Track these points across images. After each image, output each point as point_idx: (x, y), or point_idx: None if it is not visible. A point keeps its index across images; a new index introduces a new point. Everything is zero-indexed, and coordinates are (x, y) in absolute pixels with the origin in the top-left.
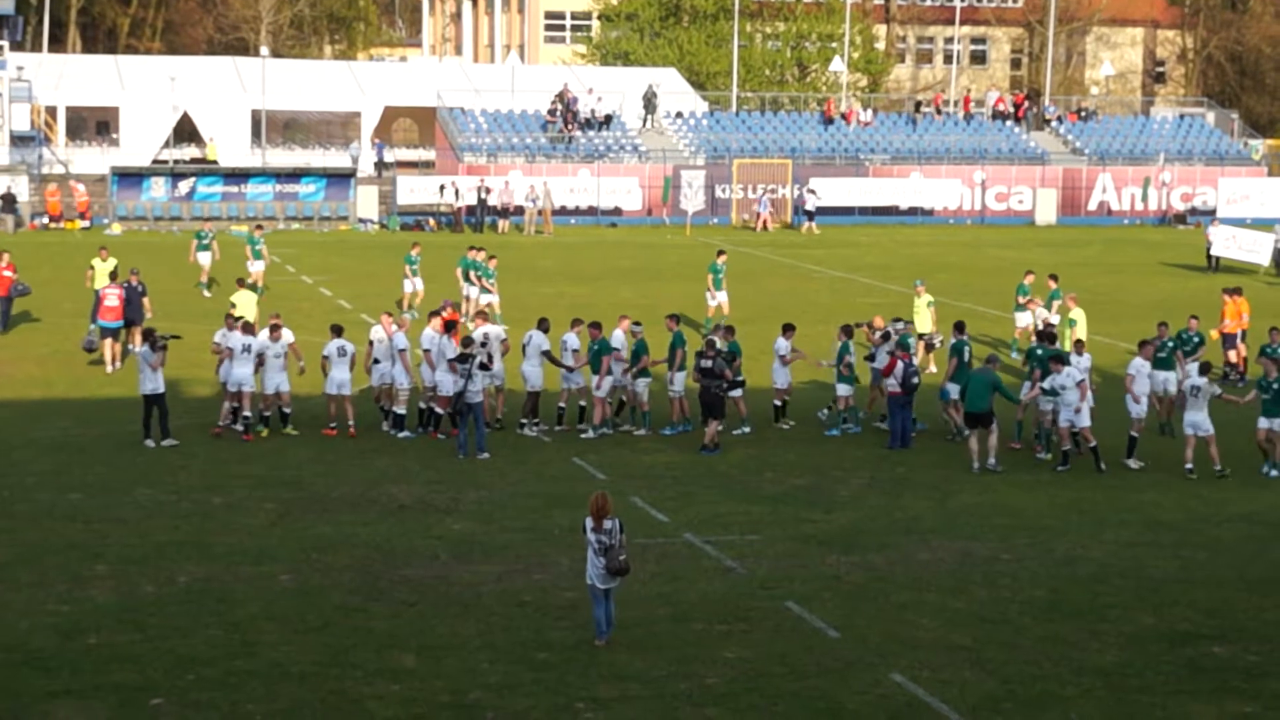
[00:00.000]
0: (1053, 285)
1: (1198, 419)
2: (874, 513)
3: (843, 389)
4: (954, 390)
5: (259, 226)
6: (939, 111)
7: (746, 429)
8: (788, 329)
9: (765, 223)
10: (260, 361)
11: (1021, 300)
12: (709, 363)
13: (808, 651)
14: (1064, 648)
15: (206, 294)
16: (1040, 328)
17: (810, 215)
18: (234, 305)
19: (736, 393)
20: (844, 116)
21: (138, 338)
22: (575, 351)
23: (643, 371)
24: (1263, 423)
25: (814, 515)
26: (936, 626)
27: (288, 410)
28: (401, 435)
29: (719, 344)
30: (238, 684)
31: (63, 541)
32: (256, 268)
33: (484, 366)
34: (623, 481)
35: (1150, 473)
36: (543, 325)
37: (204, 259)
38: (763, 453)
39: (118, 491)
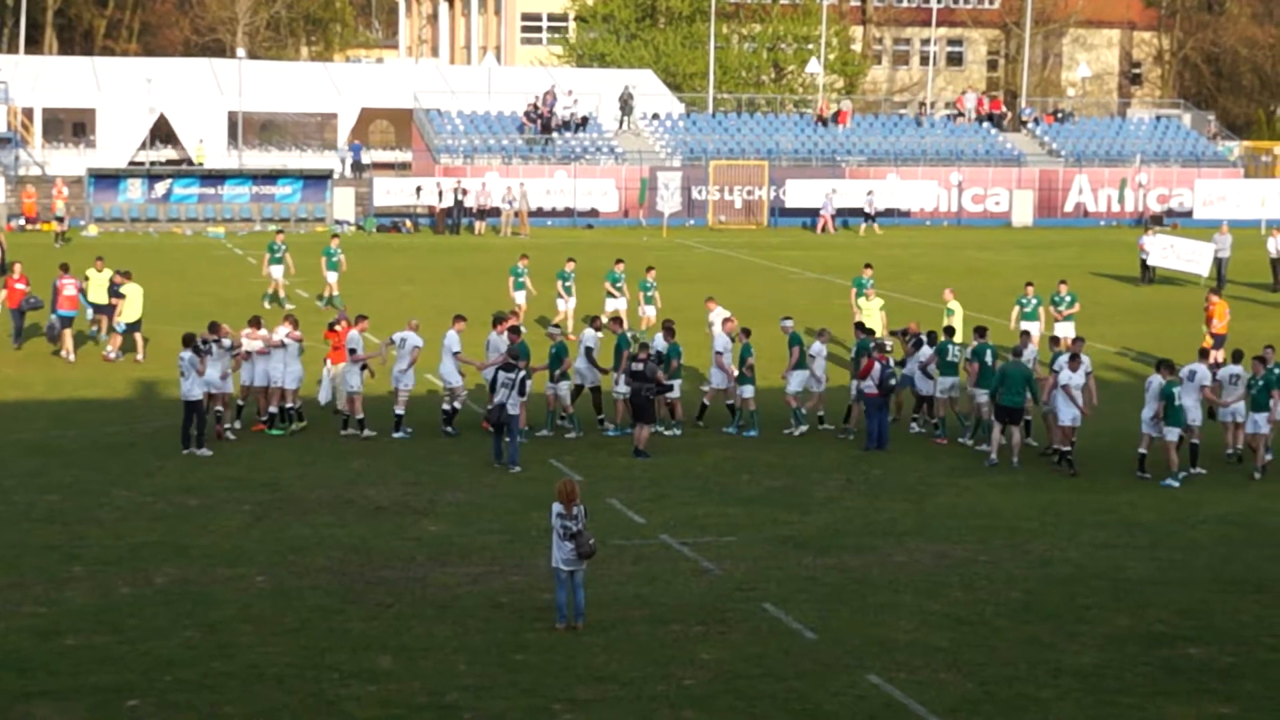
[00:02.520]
0: (1030, 290)
1: (1238, 406)
2: (851, 514)
3: (746, 390)
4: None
5: (335, 235)
6: (959, 115)
7: (677, 430)
8: (822, 333)
9: (827, 225)
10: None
11: (1056, 311)
12: (640, 365)
13: (785, 653)
14: (1041, 649)
15: (267, 305)
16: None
17: (870, 218)
18: (123, 298)
19: (673, 394)
20: (837, 117)
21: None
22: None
23: (563, 375)
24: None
25: (791, 517)
26: (913, 628)
27: (287, 407)
28: (396, 435)
29: (662, 345)
30: (215, 685)
31: (40, 543)
32: (332, 278)
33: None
34: (600, 483)
35: (1126, 474)
36: (594, 323)
37: (277, 272)
38: (739, 454)
39: (95, 493)
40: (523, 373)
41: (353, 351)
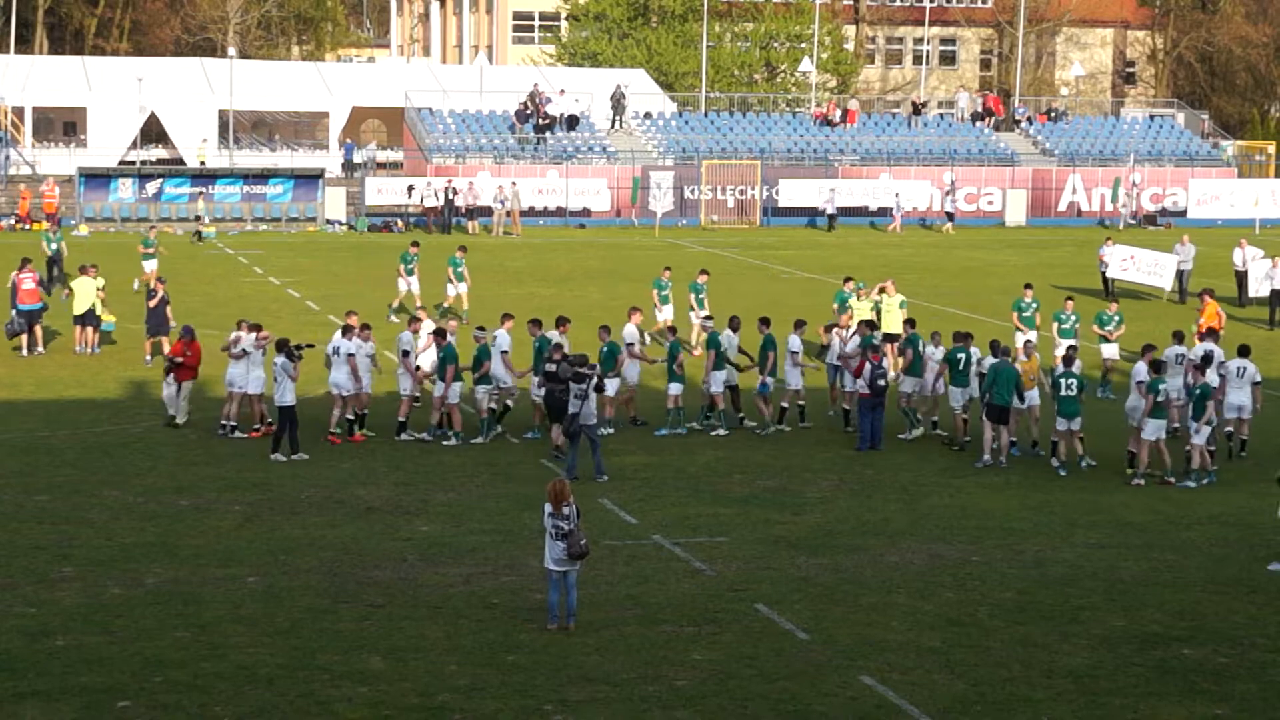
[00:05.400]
0: (1070, 306)
1: (1243, 400)
2: (843, 515)
3: (674, 388)
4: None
5: (462, 247)
6: (986, 114)
7: (609, 430)
8: (799, 324)
9: (898, 225)
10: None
11: (1103, 331)
12: (553, 366)
13: (777, 654)
14: (1034, 650)
15: (394, 319)
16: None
17: (950, 216)
18: (72, 293)
19: (609, 391)
20: (846, 116)
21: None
22: (505, 353)
23: (483, 378)
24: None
25: (783, 517)
26: (906, 629)
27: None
28: (442, 441)
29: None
30: (205, 686)
31: (29, 543)
32: (461, 289)
33: (599, 389)
34: (592, 483)
35: (1119, 474)
36: (733, 324)
37: (412, 285)
38: (731, 454)
39: (85, 493)
40: (594, 379)
41: (405, 354)
